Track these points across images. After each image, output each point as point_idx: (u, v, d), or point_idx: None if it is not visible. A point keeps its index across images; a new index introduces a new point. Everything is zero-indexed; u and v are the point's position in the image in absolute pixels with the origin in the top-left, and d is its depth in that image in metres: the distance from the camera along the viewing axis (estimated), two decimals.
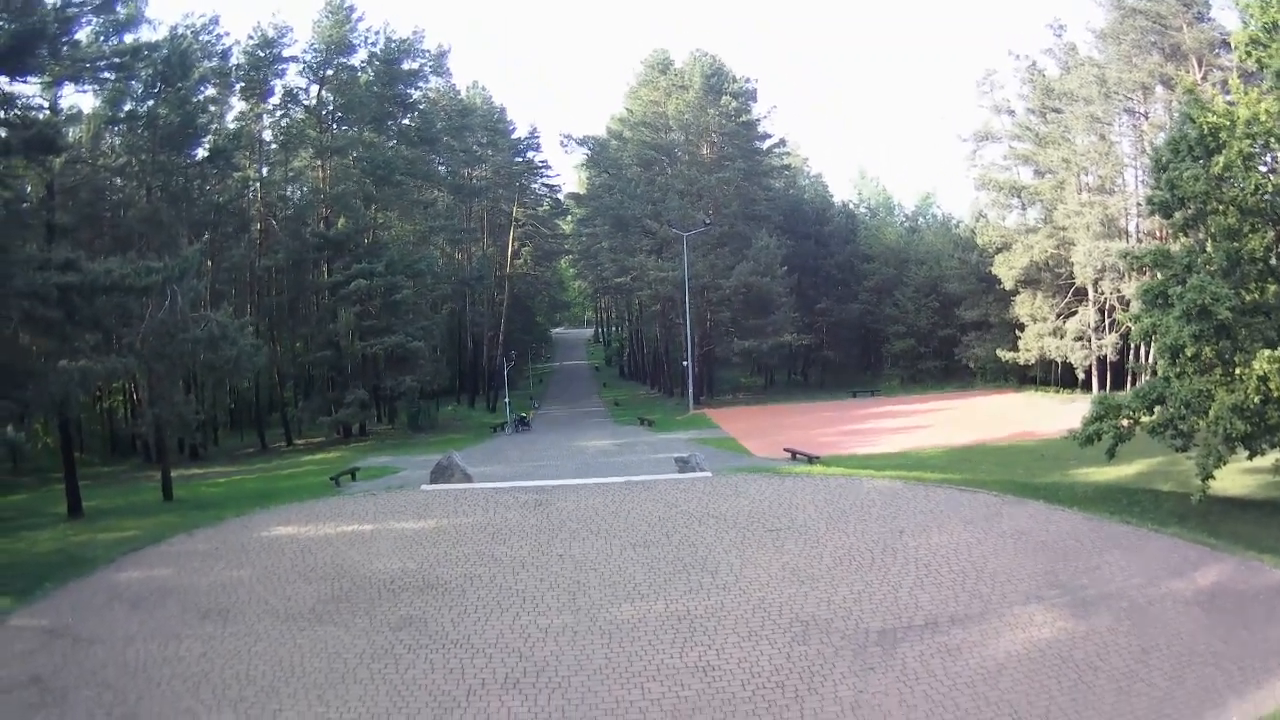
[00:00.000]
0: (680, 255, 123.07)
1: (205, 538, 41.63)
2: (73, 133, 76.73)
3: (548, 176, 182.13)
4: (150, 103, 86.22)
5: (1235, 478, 44.61)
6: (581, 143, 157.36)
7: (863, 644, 24.83)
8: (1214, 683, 21.32)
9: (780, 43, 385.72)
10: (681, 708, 21.68)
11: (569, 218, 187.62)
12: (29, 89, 55.92)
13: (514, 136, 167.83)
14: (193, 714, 22.34)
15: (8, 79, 49.23)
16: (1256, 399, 36.93)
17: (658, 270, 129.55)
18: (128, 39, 76.52)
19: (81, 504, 55.67)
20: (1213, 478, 38.28)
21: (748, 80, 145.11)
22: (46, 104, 60.59)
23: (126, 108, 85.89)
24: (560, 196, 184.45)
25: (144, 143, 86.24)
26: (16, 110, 50.55)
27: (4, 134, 49.01)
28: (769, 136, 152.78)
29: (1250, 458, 40.56)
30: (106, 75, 70.46)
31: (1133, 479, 49.54)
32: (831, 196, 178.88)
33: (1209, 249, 41.71)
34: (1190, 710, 20.24)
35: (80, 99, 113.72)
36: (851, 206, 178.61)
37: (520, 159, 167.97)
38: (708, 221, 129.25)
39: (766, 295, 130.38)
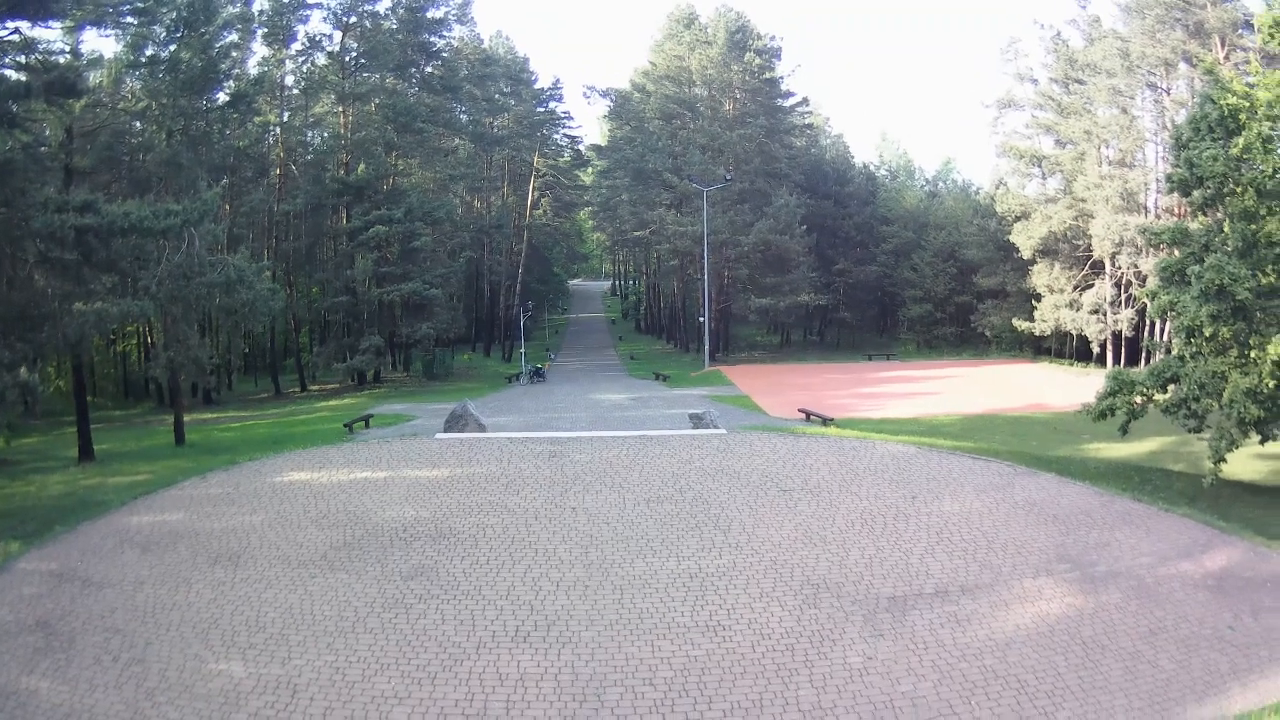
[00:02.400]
0: (700, 210, 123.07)
1: (218, 482, 41.93)
2: (94, 77, 76.56)
3: (569, 127, 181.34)
4: (172, 47, 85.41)
5: (1247, 462, 44.62)
6: (604, 94, 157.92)
7: (873, 610, 25.11)
8: (1218, 667, 21.51)
9: (805, 1, 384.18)
10: (691, 666, 21.99)
11: (589, 169, 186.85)
12: (50, 33, 55.85)
13: (536, 87, 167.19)
14: (201, 660, 22.59)
15: (29, 23, 48.93)
16: (1271, 383, 37.05)
17: (677, 225, 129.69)
18: None
19: (93, 447, 55.92)
20: (1224, 461, 38.45)
21: (771, 38, 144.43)
22: (68, 48, 60.47)
23: (148, 52, 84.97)
24: (581, 148, 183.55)
25: (165, 87, 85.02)
26: (37, 54, 50.53)
27: (24, 77, 48.67)
28: (791, 95, 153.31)
29: (1262, 442, 40.66)
30: (129, 20, 70.17)
31: (1145, 457, 49.64)
32: (852, 157, 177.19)
33: (1226, 229, 41.44)
34: (1194, 693, 20.45)
35: (102, 43, 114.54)
36: (872, 168, 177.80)
37: (542, 109, 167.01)
38: (728, 177, 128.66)
39: (785, 254, 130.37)
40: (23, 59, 49.69)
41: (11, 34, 48.24)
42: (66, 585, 27.79)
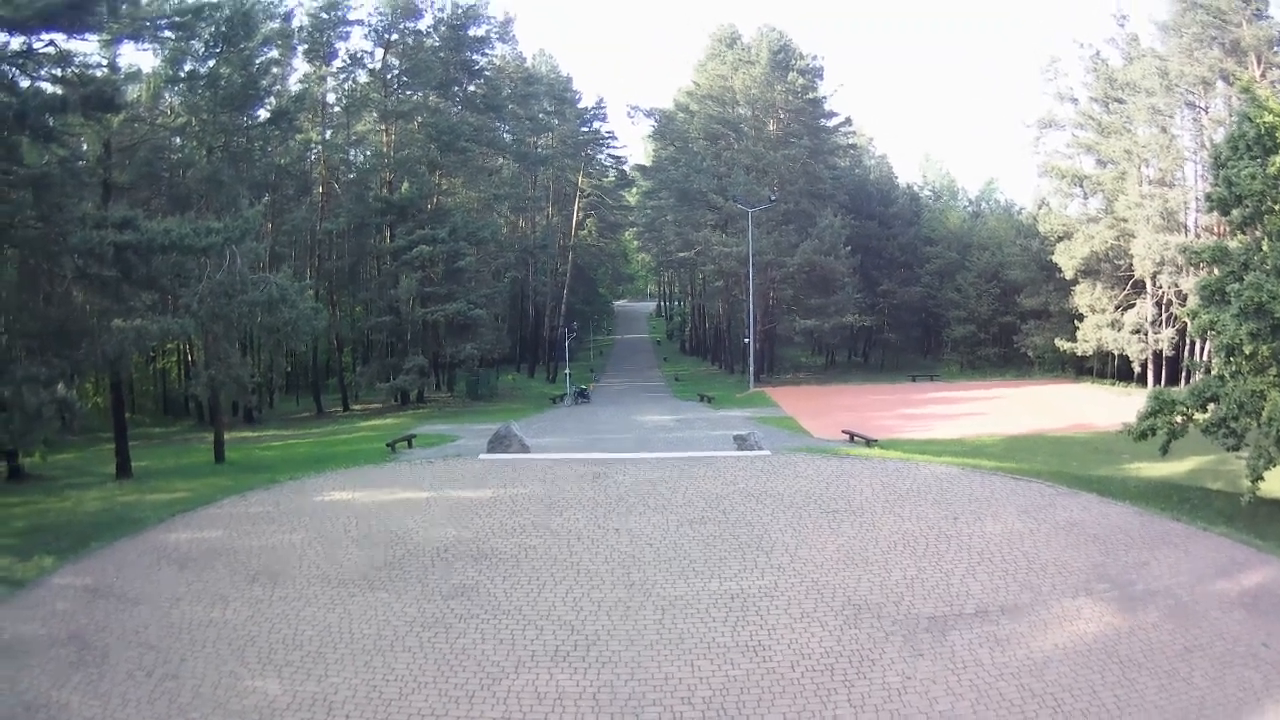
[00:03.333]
0: (745, 231, 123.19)
1: (257, 500, 41.93)
2: (132, 91, 76.86)
3: (614, 147, 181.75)
4: (211, 63, 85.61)
5: None
6: (648, 114, 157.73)
7: (913, 630, 24.79)
8: (1253, 684, 21.23)
9: (847, 22, 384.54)
10: (730, 686, 21.69)
11: (634, 190, 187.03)
12: (87, 47, 55.97)
13: (580, 106, 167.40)
14: (236, 677, 22.40)
15: (65, 36, 48.89)
16: None
17: (722, 245, 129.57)
18: None
19: (130, 464, 55.92)
20: (1262, 479, 37.99)
21: (814, 57, 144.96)
22: (105, 62, 60.47)
23: (187, 67, 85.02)
24: (626, 168, 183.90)
25: (205, 103, 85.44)
26: (74, 68, 50.38)
27: (61, 91, 48.93)
28: (835, 115, 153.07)
29: None
30: (167, 34, 69.68)
31: (1184, 476, 49.25)
32: (896, 178, 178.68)
33: (1265, 247, 41.03)
34: (1227, 712, 20.19)
35: (140, 58, 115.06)
36: (916, 189, 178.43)
37: (586, 129, 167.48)
38: (773, 198, 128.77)
39: (829, 274, 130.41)
40: (59, 72, 49.57)
41: (47, 46, 48.24)
42: (101, 600, 27.70)
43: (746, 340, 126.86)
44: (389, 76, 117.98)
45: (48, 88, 49.41)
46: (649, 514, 37.61)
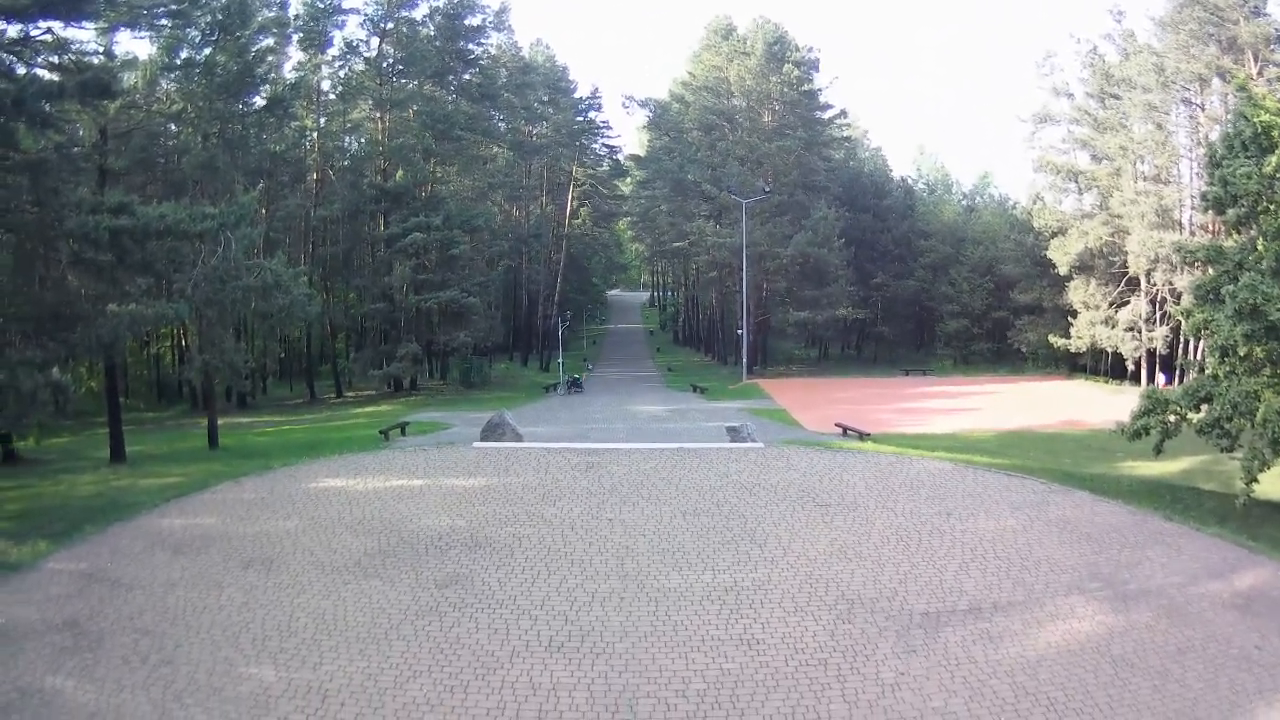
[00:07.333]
0: (738, 222, 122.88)
1: (252, 487, 41.90)
2: (128, 78, 75.92)
3: (608, 137, 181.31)
4: (207, 50, 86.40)
5: (1278, 482, 43.49)
6: (643, 104, 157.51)
7: (906, 625, 24.67)
8: (1245, 686, 21.11)
9: (843, 14, 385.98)
10: (724, 680, 21.57)
11: (628, 179, 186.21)
12: (84, 34, 55.78)
13: (575, 96, 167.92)
14: (231, 664, 22.32)
15: (62, 23, 48.83)
16: None
17: (716, 236, 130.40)
18: None
19: (124, 448, 55.96)
20: (1256, 481, 37.49)
21: (810, 49, 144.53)
22: (102, 49, 60.27)
23: (183, 55, 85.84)
24: (620, 158, 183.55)
25: (200, 90, 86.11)
26: (70, 55, 50.37)
27: (58, 78, 48.43)
28: (830, 107, 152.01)
29: None
30: (163, 22, 69.96)
31: (1177, 475, 48.83)
32: (890, 171, 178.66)
33: (1260, 247, 40.59)
34: (1220, 712, 20.06)
35: (137, 45, 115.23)
36: (910, 182, 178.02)
37: (581, 118, 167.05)
38: (767, 190, 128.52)
39: (823, 267, 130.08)
40: (56, 59, 49.53)
41: (44, 34, 48.08)
42: (96, 586, 27.67)
43: (739, 332, 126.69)
44: (384, 65, 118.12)
45: (45, 74, 49.06)
46: (642, 505, 37.51)
